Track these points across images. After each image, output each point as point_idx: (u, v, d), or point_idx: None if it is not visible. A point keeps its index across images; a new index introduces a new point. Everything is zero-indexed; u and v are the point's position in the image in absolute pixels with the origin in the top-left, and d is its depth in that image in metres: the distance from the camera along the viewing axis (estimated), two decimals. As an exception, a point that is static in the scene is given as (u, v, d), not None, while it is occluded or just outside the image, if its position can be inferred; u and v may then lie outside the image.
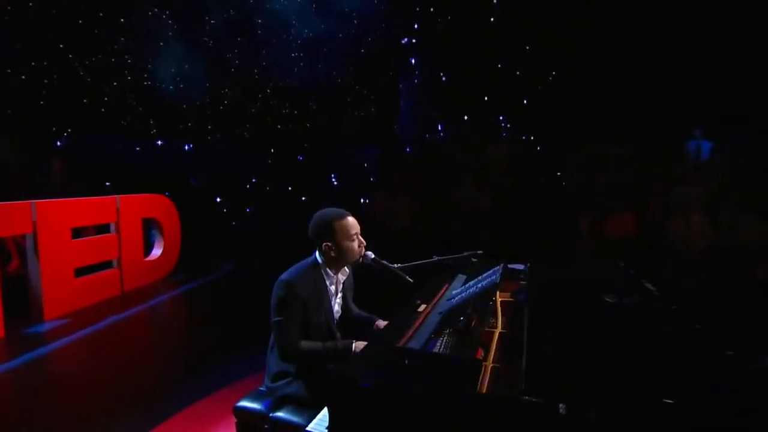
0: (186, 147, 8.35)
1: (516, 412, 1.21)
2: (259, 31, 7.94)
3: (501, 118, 8.67)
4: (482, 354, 1.77)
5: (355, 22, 8.35)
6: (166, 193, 6.20)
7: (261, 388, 2.45)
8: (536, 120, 8.24)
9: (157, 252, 6.00)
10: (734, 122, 6.15)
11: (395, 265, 2.46)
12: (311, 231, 2.28)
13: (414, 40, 8.76)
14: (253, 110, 8.23)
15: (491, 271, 2.21)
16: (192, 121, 7.98)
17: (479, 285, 2.09)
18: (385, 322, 2.57)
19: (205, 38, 7.75)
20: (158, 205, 6.02)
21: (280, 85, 8.17)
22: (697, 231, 5.36)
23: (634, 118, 6.94)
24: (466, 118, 8.81)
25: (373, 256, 2.37)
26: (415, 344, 1.69)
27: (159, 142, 8.09)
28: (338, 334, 2.37)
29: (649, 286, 1.86)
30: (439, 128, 8.97)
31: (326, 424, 1.71)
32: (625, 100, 6.98)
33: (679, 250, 5.32)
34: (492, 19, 8.35)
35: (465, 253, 2.88)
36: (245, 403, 2.34)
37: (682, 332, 1.44)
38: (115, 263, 5.36)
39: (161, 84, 7.56)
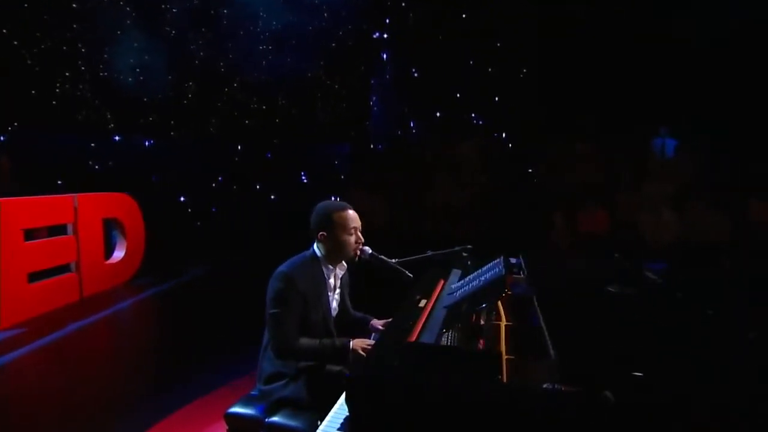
0: (147, 143, 7.99)
1: (550, 403, 1.21)
2: (225, 22, 7.70)
3: (473, 115, 8.80)
4: (486, 347, 1.79)
5: (325, 15, 8.24)
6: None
7: (253, 392, 2.36)
8: (508, 117, 8.42)
9: (119, 254, 5.71)
10: (696, 121, 6.49)
11: (393, 261, 2.44)
12: (311, 221, 2.25)
13: (385, 35, 8.75)
14: (219, 105, 7.97)
15: (491, 264, 2.22)
16: (153, 116, 7.65)
17: (482, 278, 2.08)
18: (380, 321, 2.55)
19: (166, 28, 7.44)
20: (120, 205, 5.72)
21: (247, 79, 7.96)
22: (665, 226, 5.62)
23: (602, 116, 7.21)
24: (438, 114, 8.88)
25: (371, 251, 2.34)
26: (427, 339, 1.67)
27: (117, 138, 7.71)
28: (335, 333, 2.32)
29: (650, 275, 1.91)
30: (411, 125, 8.99)
31: (336, 425, 1.67)
32: (594, 97, 7.23)
33: (649, 244, 5.55)
34: (464, 16, 8.45)
35: (456, 248, 2.89)
36: (237, 409, 2.25)
37: (695, 318, 1.48)
38: (73, 267, 5.06)
39: (119, 75, 7.20)
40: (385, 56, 8.82)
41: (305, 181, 9.41)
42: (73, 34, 6.86)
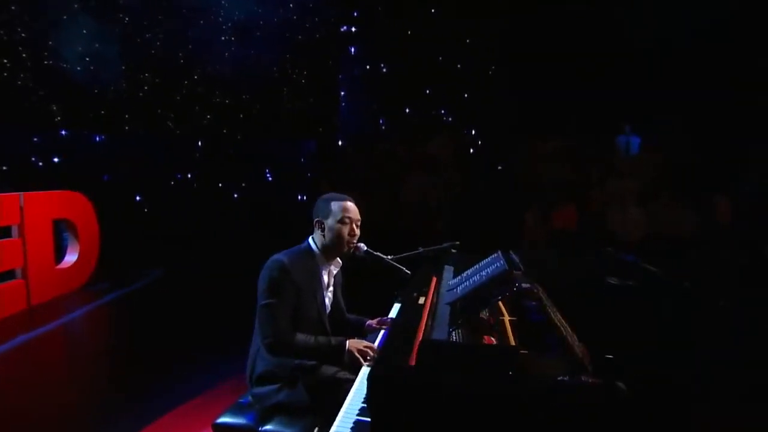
0: (97, 138, 7.57)
1: (580, 396, 1.23)
2: (184, 10, 7.40)
3: (443, 111, 8.90)
4: (493, 342, 1.80)
5: (291, 5, 8.09)
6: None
7: (242, 400, 2.27)
8: (478, 114, 8.57)
9: (71, 258, 5.38)
10: (659, 119, 6.84)
11: (388, 257, 2.42)
12: (313, 210, 2.25)
13: (353, 29, 8.69)
14: (177, 98, 7.65)
15: (490, 259, 2.24)
16: (105, 109, 7.24)
17: (482, 274, 2.09)
18: (375, 321, 2.51)
19: (119, 14, 7.07)
20: (72, 204, 5.39)
21: (208, 71, 7.68)
22: (633, 221, 5.88)
23: (571, 113, 7.46)
24: (408, 111, 8.91)
25: (366, 248, 2.32)
26: (438, 336, 1.65)
27: (64, 132, 7.26)
28: (329, 331, 2.27)
29: (649, 267, 1.98)
30: (381, 122, 8.98)
31: (346, 427, 1.62)
32: (563, 95, 7.47)
33: (619, 239, 5.79)
34: (432, 11, 8.52)
35: (444, 245, 2.92)
36: (227, 419, 2.16)
37: (706, 309, 1.55)
38: (19, 273, 4.72)
39: (66, 65, 6.77)
40: (353, 50, 8.76)
41: (270, 179, 9.21)
42: (10, 16, 6.39)
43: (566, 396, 1.27)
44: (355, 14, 8.60)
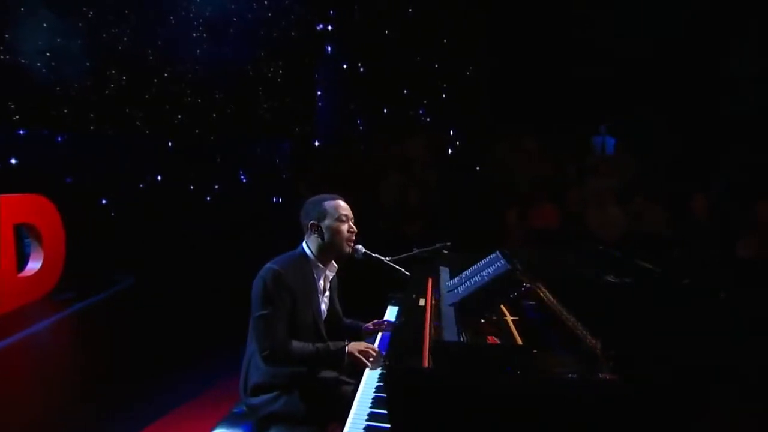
0: (59, 138, 7.27)
1: (598, 391, 1.25)
2: (153, 5, 7.20)
3: (421, 111, 8.96)
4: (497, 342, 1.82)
5: (266, 2, 7.99)
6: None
7: (236, 410, 2.22)
8: (455, 114, 8.66)
9: (34, 265, 5.13)
10: (633, 120, 7.09)
11: (387, 259, 2.42)
12: (301, 216, 2.20)
13: (329, 27, 8.65)
14: (146, 96, 7.42)
15: (489, 259, 2.25)
16: (68, 108, 6.96)
17: (482, 274, 2.11)
18: (370, 324, 2.50)
19: (83, 8, 6.81)
20: (35, 208, 5.15)
21: (179, 69, 7.49)
22: (611, 220, 6.05)
23: (548, 114, 7.64)
24: (385, 111, 8.93)
25: (364, 250, 2.30)
26: (450, 337, 1.65)
27: (22, 132, 6.93)
28: (326, 337, 2.24)
29: (645, 264, 2.03)
30: (359, 122, 8.97)
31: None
32: (540, 95, 7.65)
33: (597, 238, 5.95)
34: (410, 10, 8.58)
35: (437, 245, 2.94)
36: (221, 431, 2.10)
37: (710, 301, 1.60)
38: (-22, 282, 4.47)
39: (25, 60, 6.47)
40: (329, 49, 8.72)
41: (244, 180, 9.06)
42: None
43: (585, 392, 1.29)
44: (331, 13, 8.56)
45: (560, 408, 1.28)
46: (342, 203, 2.20)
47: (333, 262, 2.28)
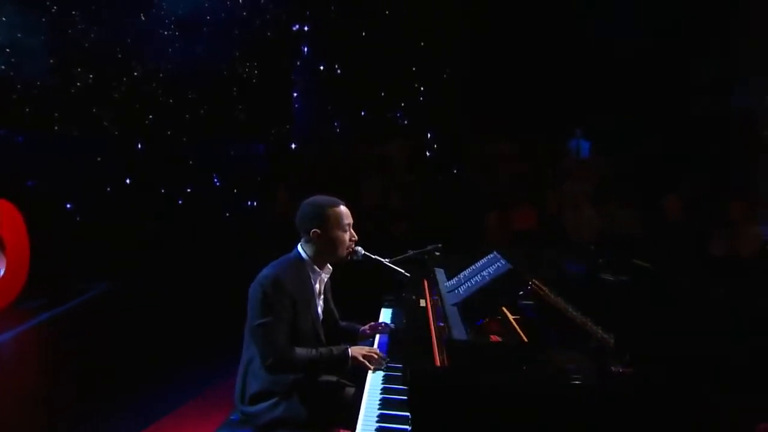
0: (19, 139, 6.96)
1: (614, 385, 1.29)
2: (122, 1, 7.00)
3: (399, 114, 9.00)
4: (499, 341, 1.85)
5: (240, 1, 7.88)
6: None
7: (233, 417, 2.18)
8: (433, 117, 8.74)
9: (-3, 273, 4.90)
10: (606, 123, 7.33)
11: (386, 260, 2.43)
12: (299, 219, 2.17)
13: (306, 28, 8.60)
14: (115, 96, 7.19)
15: (487, 260, 2.29)
16: (30, 107, 6.67)
17: (482, 274, 2.14)
18: (367, 327, 2.50)
19: (47, 1, 6.56)
20: (-2, 212, 4.91)
21: (151, 67, 7.30)
22: (587, 221, 6.24)
23: (524, 117, 7.82)
24: (363, 113, 8.93)
25: (363, 252, 2.30)
26: (459, 336, 1.67)
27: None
28: (325, 341, 2.23)
29: (641, 263, 2.11)
30: (336, 124, 8.94)
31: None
32: (517, 98, 7.81)
33: (574, 239, 6.12)
34: (387, 12, 8.62)
35: (429, 247, 2.98)
36: (221, 439, 2.06)
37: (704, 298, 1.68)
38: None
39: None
40: (305, 50, 8.66)
41: (217, 183, 8.88)
42: None
43: (601, 385, 1.33)
44: (307, 13, 8.51)
45: (577, 401, 1.32)
46: (345, 210, 2.18)
47: (329, 264, 2.27)
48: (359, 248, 2.28)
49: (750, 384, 1.44)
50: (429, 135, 9.04)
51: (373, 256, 2.34)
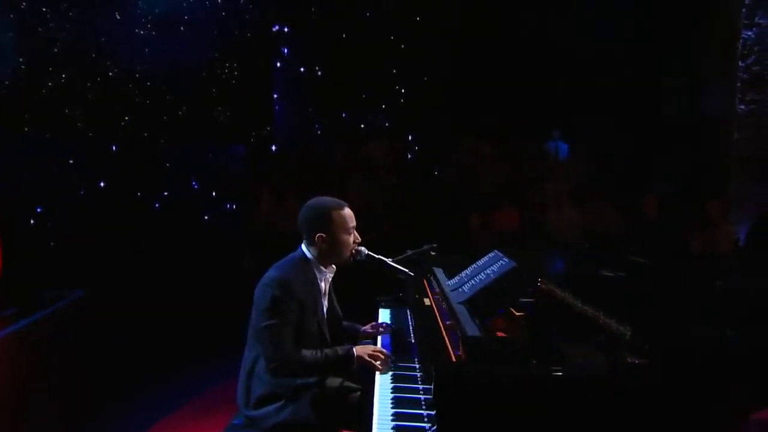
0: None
1: (633, 376, 1.33)
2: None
3: (381, 116, 9.02)
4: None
5: (219, 1, 7.78)
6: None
7: (235, 421, 2.15)
8: (414, 119, 8.81)
9: (-34, 281, 4.67)
10: (583, 125, 7.54)
11: (389, 260, 2.43)
12: (303, 220, 2.17)
13: (286, 29, 8.54)
14: (89, 96, 6.98)
15: (488, 258, 2.33)
16: (-2, 107, 6.41)
17: (486, 272, 2.17)
18: (368, 327, 2.50)
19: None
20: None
21: (127, 67, 7.11)
22: (568, 221, 6.38)
23: (504, 119, 7.96)
24: (344, 115, 8.92)
25: (367, 252, 2.31)
26: (473, 333, 1.69)
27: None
28: (330, 342, 2.22)
29: (637, 259, 2.18)
30: (316, 126, 8.90)
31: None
32: (496, 101, 7.95)
33: (557, 239, 6.25)
34: (367, 14, 8.64)
35: (424, 247, 3.00)
36: (227, 444, 2.02)
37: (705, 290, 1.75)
38: None
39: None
40: (286, 51, 8.60)
41: (196, 187, 8.70)
42: None
43: (619, 376, 1.37)
44: (288, 14, 8.46)
45: (595, 392, 1.35)
46: (349, 213, 2.19)
47: (333, 264, 2.27)
48: (362, 248, 2.28)
49: (744, 373, 1.50)
50: (410, 137, 9.09)
51: (377, 256, 2.35)
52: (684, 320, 1.52)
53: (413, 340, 2.40)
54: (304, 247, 2.20)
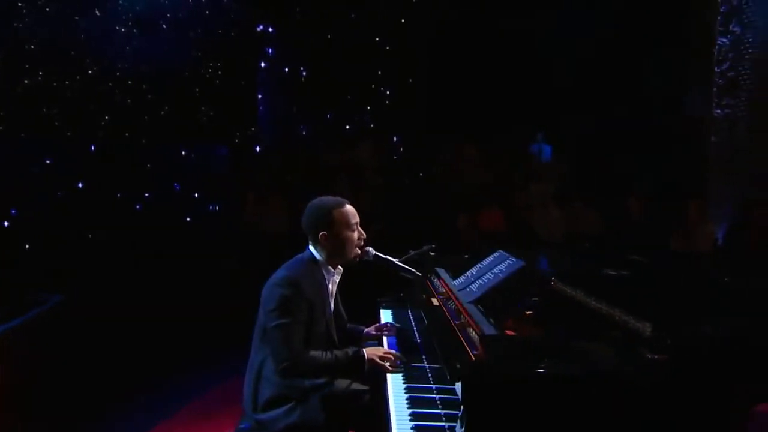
0: (-46, 139, 6.40)
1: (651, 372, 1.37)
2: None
3: (365, 118, 9.02)
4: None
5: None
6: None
7: (243, 425, 2.11)
8: (399, 120, 8.84)
9: (-59, 286, 4.46)
10: (565, 128, 7.69)
11: (397, 260, 2.43)
12: (306, 221, 2.16)
13: (270, 29, 8.46)
14: (68, 95, 6.77)
15: (493, 258, 2.35)
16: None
17: (494, 271, 2.19)
18: (372, 329, 2.50)
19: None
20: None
21: (107, 66, 6.92)
22: (553, 222, 6.50)
23: (488, 122, 8.07)
24: (329, 116, 8.89)
25: (374, 252, 2.30)
26: (489, 332, 1.70)
27: None
28: (338, 343, 2.21)
29: (637, 257, 2.23)
30: (301, 127, 8.84)
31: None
32: (480, 103, 8.05)
33: (542, 239, 6.36)
34: (353, 16, 8.64)
35: (424, 248, 3.02)
36: (236, 450, 1.98)
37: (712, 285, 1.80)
38: None
39: None
40: (270, 52, 8.52)
41: (177, 188, 8.53)
42: None
43: (637, 373, 1.40)
44: (272, 14, 8.39)
45: (614, 388, 1.38)
46: (351, 209, 2.19)
47: (339, 265, 2.26)
48: (370, 249, 2.28)
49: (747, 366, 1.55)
50: (395, 138, 9.12)
51: (384, 257, 2.35)
52: (698, 316, 1.56)
53: (419, 340, 2.41)
54: (311, 248, 2.19)
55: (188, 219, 8.27)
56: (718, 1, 5.93)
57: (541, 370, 1.39)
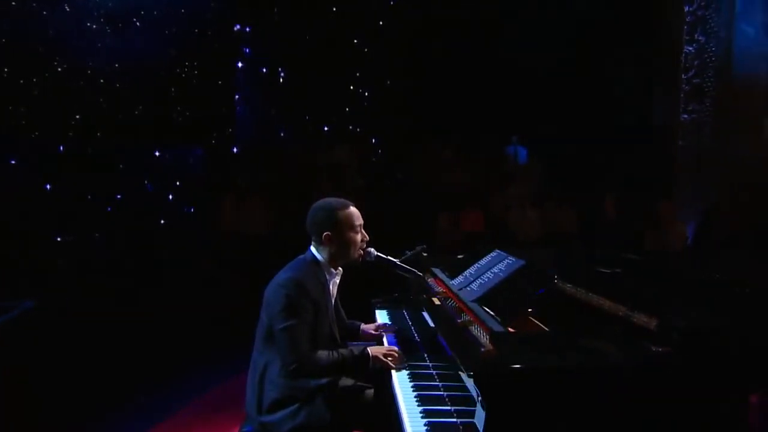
0: None
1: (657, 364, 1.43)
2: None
3: (344, 119, 9.00)
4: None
5: (180, -3, 7.48)
6: None
7: (246, 428, 2.08)
8: (377, 122, 8.87)
9: None
10: (538, 130, 7.89)
11: (397, 261, 2.45)
12: (310, 222, 2.16)
13: (248, 29, 8.35)
14: (35, 93, 6.50)
15: (491, 258, 2.40)
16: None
17: (494, 270, 2.24)
18: (371, 326, 2.52)
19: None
20: None
21: (78, 63, 6.68)
22: (529, 222, 6.65)
23: (464, 124, 8.19)
24: (307, 118, 8.84)
25: (376, 253, 2.32)
26: (497, 329, 1.74)
27: None
28: (340, 342, 2.22)
29: (630, 256, 2.32)
30: (279, 128, 8.75)
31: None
32: (456, 106, 8.16)
33: (519, 238, 6.50)
34: (331, 14, 8.61)
35: (417, 249, 3.05)
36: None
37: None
38: None
39: None
40: (248, 51, 8.41)
41: (150, 190, 8.30)
42: None
43: (645, 365, 1.46)
44: (250, 13, 8.28)
45: (622, 381, 1.43)
46: (355, 211, 2.20)
47: (340, 267, 2.27)
48: (371, 249, 2.30)
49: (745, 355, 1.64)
50: (373, 140, 9.14)
51: (385, 257, 2.36)
52: (697, 309, 1.64)
53: (418, 339, 2.43)
54: (313, 249, 2.18)
55: (162, 221, 8.07)
56: (684, 12, 6.22)
57: (550, 365, 1.43)
